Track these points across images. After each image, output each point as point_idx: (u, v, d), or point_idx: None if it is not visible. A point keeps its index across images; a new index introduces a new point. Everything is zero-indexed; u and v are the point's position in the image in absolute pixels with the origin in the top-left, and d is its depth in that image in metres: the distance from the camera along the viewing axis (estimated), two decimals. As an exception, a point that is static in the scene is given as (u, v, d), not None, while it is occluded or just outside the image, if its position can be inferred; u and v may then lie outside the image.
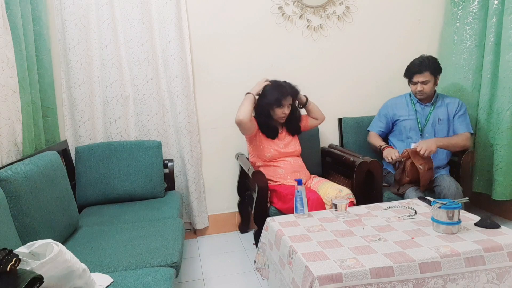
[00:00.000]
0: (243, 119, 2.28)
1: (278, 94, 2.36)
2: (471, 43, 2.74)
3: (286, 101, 2.39)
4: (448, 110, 2.55)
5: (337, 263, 1.40)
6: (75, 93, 2.58)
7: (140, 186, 2.46)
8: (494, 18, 2.58)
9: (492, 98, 2.64)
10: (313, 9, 2.87)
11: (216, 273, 2.36)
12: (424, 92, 2.50)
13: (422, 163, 2.31)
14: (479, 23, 2.70)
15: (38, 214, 1.65)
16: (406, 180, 2.35)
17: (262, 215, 2.17)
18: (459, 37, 2.82)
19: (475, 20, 2.71)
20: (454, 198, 2.22)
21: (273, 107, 2.39)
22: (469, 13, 2.74)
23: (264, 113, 2.42)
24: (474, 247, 1.47)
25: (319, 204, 2.16)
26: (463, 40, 2.78)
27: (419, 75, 2.47)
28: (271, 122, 2.45)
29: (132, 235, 1.91)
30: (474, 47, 2.73)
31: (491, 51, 2.61)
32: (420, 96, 2.54)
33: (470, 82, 2.76)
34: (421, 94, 2.52)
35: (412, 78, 2.51)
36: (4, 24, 1.90)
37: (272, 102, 2.37)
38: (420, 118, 2.56)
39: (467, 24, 2.75)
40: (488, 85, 2.63)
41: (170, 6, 2.60)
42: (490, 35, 2.60)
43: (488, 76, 2.63)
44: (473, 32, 2.73)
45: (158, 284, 1.44)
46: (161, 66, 2.63)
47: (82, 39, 2.55)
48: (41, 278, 1.07)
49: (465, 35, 2.77)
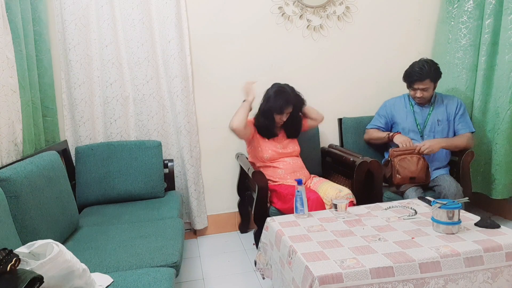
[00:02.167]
0: (236, 127, 2.31)
1: (282, 103, 2.37)
2: (465, 42, 2.73)
3: (288, 110, 2.41)
4: (447, 110, 2.54)
5: (337, 263, 1.40)
6: (75, 93, 2.58)
7: (140, 186, 2.46)
8: (491, 17, 2.57)
9: (487, 97, 2.64)
10: (313, 9, 2.87)
11: (216, 273, 2.36)
12: (424, 98, 2.49)
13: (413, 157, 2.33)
14: (474, 22, 2.69)
15: (38, 214, 1.65)
16: (398, 178, 2.34)
17: (262, 215, 2.17)
18: (453, 35, 2.81)
19: (470, 19, 2.70)
20: (454, 198, 2.22)
21: (275, 114, 2.41)
22: (464, 12, 2.73)
23: (267, 117, 2.43)
24: (474, 247, 1.47)
25: (319, 204, 2.16)
26: (458, 39, 2.77)
27: (419, 83, 2.44)
28: (271, 125, 2.45)
29: (132, 235, 1.91)
30: (468, 46, 2.72)
31: (487, 51, 2.60)
32: (420, 101, 2.53)
33: (463, 81, 2.76)
34: (420, 100, 2.51)
35: (412, 85, 2.48)
36: (4, 24, 1.90)
37: (276, 109, 2.38)
38: (418, 120, 2.54)
39: (461, 23, 2.75)
40: (483, 84, 2.63)
41: (170, 6, 2.60)
42: (486, 35, 2.60)
43: (483, 76, 2.62)
44: (467, 31, 2.72)
45: (158, 284, 1.44)
46: (161, 66, 2.63)
47: (82, 39, 2.55)
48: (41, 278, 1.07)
49: (460, 34, 2.76)
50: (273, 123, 2.44)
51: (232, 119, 2.33)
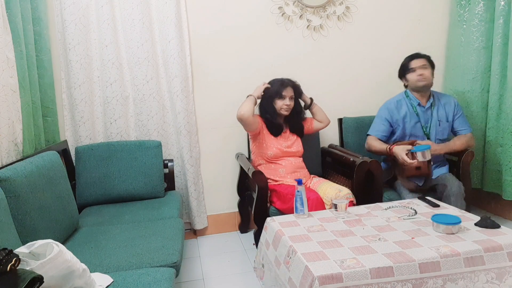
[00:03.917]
0: (244, 113, 2.31)
1: (278, 86, 2.42)
2: (478, 45, 2.77)
3: (287, 92, 2.43)
4: (446, 111, 2.53)
5: (337, 263, 1.40)
6: (75, 93, 2.58)
7: (140, 186, 2.46)
8: (501, 19, 2.59)
9: (501, 98, 2.66)
10: (313, 9, 2.87)
11: (216, 273, 2.36)
12: (426, 76, 2.41)
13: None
14: (485, 25, 2.73)
15: (38, 214, 1.65)
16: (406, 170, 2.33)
17: (262, 215, 2.17)
18: (466, 39, 2.84)
19: (481, 22, 2.74)
20: (456, 197, 2.22)
21: (275, 100, 2.43)
22: (475, 15, 2.77)
23: (268, 110, 2.46)
24: (474, 247, 1.47)
25: (319, 204, 2.16)
26: (470, 42, 2.81)
27: (416, 60, 2.46)
28: (275, 119, 2.47)
29: (132, 235, 1.91)
30: (481, 48, 2.75)
31: (499, 52, 2.63)
32: (422, 83, 2.42)
33: (479, 84, 2.79)
34: (423, 80, 2.41)
35: (410, 66, 2.46)
36: (4, 24, 1.90)
37: (273, 94, 2.42)
38: (422, 122, 2.50)
39: (473, 26, 2.78)
40: (497, 85, 2.66)
41: (170, 6, 2.60)
42: (497, 36, 2.62)
43: (497, 77, 2.65)
44: (479, 34, 2.75)
45: (158, 284, 1.44)
46: (161, 66, 2.63)
47: (82, 39, 2.55)
48: (41, 278, 1.06)
49: (472, 37, 2.79)
50: (274, 111, 2.45)
51: (240, 108, 2.34)
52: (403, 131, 2.51)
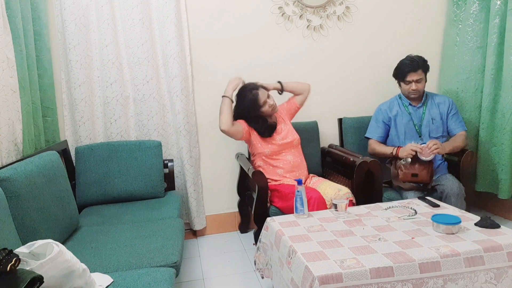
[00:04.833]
0: (225, 128, 2.32)
1: (255, 96, 2.38)
2: (472, 45, 2.77)
3: (264, 95, 2.40)
4: (440, 110, 2.56)
5: (337, 263, 1.40)
6: (75, 93, 2.58)
7: (140, 186, 2.46)
8: (497, 18, 2.59)
9: (495, 98, 2.66)
10: (313, 9, 2.87)
11: (216, 273, 2.36)
12: (418, 90, 2.50)
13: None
14: (479, 25, 2.72)
15: (38, 214, 1.65)
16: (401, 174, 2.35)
17: (262, 215, 2.17)
18: (461, 38, 2.84)
19: (476, 21, 2.73)
20: (457, 197, 2.23)
21: (260, 109, 2.40)
22: (470, 15, 2.76)
23: (258, 121, 2.42)
24: (474, 247, 1.47)
25: (321, 203, 2.15)
26: (465, 41, 2.80)
27: (413, 74, 2.46)
28: (266, 122, 2.45)
29: (132, 235, 1.91)
30: (476, 48, 2.75)
31: (494, 52, 2.62)
32: (413, 95, 2.53)
33: (472, 83, 2.79)
34: (415, 93, 2.51)
35: (406, 77, 2.49)
36: (4, 24, 1.90)
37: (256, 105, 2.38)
38: (415, 120, 2.55)
39: (468, 25, 2.77)
40: (491, 85, 2.65)
41: (170, 6, 2.60)
42: (492, 36, 2.62)
43: (491, 77, 2.64)
44: (474, 33, 2.75)
45: (158, 284, 1.44)
46: (161, 66, 2.63)
47: (82, 39, 2.55)
48: (41, 278, 1.06)
49: (467, 37, 2.79)
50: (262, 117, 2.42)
51: (219, 120, 2.34)
52: (396, 130, 2.58)
